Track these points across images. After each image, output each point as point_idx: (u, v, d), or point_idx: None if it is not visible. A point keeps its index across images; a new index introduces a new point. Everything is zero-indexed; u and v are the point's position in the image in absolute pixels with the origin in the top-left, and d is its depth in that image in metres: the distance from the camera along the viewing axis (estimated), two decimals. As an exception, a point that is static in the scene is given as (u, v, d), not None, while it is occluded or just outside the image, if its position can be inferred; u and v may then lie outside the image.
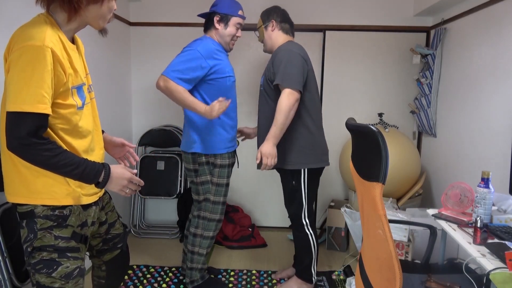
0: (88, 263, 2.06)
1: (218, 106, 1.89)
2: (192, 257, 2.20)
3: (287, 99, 1.96)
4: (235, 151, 2.24)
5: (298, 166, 2.09)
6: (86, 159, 1.17)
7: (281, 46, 2.11)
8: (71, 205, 1.21)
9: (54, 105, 1.11)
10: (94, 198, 1.32)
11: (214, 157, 2.10)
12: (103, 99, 2.66)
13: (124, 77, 3.05)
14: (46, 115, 1.07)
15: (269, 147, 1.99)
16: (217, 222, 2.19)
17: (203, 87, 2.04)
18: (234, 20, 2.06)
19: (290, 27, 2.21)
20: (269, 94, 2.13)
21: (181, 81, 1.92)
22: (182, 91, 1.92)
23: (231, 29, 2.07)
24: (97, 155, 1.33)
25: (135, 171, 1.29)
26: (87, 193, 1.27)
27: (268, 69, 2.11)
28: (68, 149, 1.17)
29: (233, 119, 2.16)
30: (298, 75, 1.98)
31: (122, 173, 1.23)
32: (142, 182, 1.30)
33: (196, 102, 1.93)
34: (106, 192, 1.48)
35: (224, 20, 2.05)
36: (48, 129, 1.13)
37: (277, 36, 2.18)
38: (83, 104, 1.23)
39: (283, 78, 1.98)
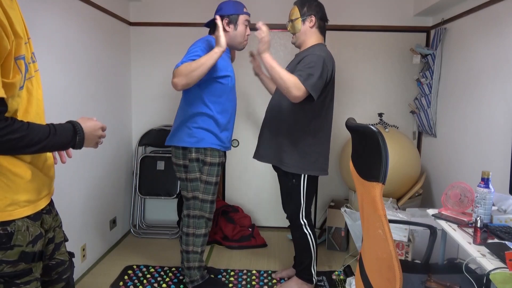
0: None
1: (219, 34, 1.85)
2: (188, 257, 2.20)
3: (294, 87, 1.84)
4: (225, 151, 2.24)
5: (298, 171, 2.08)
6: (51, 123, 0.99)
7: (315, 48, 2.02)
8: (14, 220, 0.96)
9: None
10: (45, 202, 1.07)
11: (204, 154, 2.10)
12: (103, 99, 2.66)
13: (124, 77, 3.05)
14: None
15: (263, 54, 1.93)
16: (206, 220, 2.19)
17: (205, 90, 2.04)
18: (241, 18, 2.07)
19: (324, 25, 2.12)
20: None
21: (184, 62, 1.87)
22: (188, 64, 1.84)
23: (241, 28, 2.07)
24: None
25: (95, 118, 1.15)
26: (33, 199, 1.01)
27: (293, 68, 2.02)
28: None
29: (230, 120, 2.16)
30: (319, 83, 1.90)
31: (95, 124, 1.09)
32: (105, 126, 1.16)
33: (208, 56, 1.86)
34: (52, 202, 1.16)
35: (233, 21, 2.05)
36: None
37: (312, 34, 2.08)
38: (24, 81, 0.95)
39: (305, 77, 1.87)
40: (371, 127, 1.13)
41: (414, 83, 3.07)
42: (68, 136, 1.01)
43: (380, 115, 2.92)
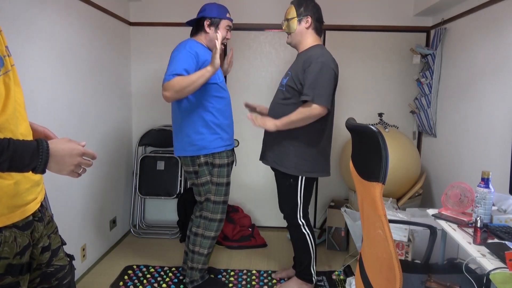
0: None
1: (215, 56, 1.87)
2: (192, 257, 2.20)
3: (312, 112, 1.90)
4: (233, 149, 2.25)
5: (298, 172, 2.08)
6: (10, 138, 0.85)
7: (315, 51, 2.00)
8: (1, 231, 0.90)
9: None
10: (34, 207, 0.99)
11: (212, 157, 2.11)
12: (103, 99, 2.66)
13: (124, 77, 3.05)
14: None
15: (272, 125, 1.95)
16: (218, 222, 2.19)
17: (196, 92, 2.02)
18: (223, 23, 2.09)
19: (320, 26, 2.11)
20: (291, 97, 2.05)
21: (175, 74, 1.90)
22: (180, 79, 1.88)
23: (221, 32, 2.09)
24: None
25: (84, 142, 0.98)
26: (19, 204, 0.93)
27: (297, 74, 2.01)
28: None
29: (227, 117, 2.16)
30: (330, 92, 1.92)
31: (71, 148, 0.92)
32: (95, 155, 0.99)
33: (200, 74, 1.90)
34: (47, 207, 1.15)
35: (214, 23, 2.08)
36: None
37: (308, 35, 2.06)
38: None
39: (315, 94, 1.89)
40: (371, 127, 1.13)
41: (414, 83, 3.07)
42: (26, 156, 0.84)
43: (380, 115, 2.92)
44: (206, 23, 2.08)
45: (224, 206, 2.19)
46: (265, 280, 2.44)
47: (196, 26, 2.14)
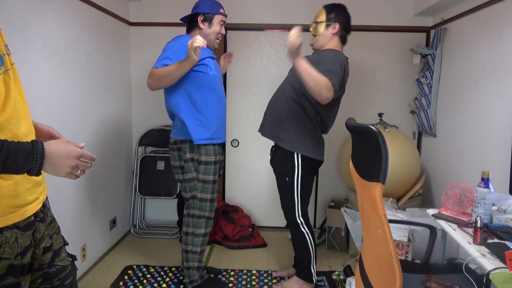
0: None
1: (190, 44, 1.82)
2: (187, 256, 2.20)
3: (325, 85, 1.79)
4: (224, 149, 2.25)
5: (294, 149, 2.07)
6: (5, 140, 0.84)
7: (332, 52, 2.04)
8: (3, 232, 0.89)
9: None
10: (35, 207, 0.98)
11: (199, 153, 2.11)
12: (103, 99, 2.66)
13: (124, 77, 3.05)
14: None
15: (299, 59, 1.82)
16: (206, 219, 2.19)
17: (186, 80, 2.03)
18: (217, 18, 2.11)
19: (346, 36, 2.16)
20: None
21: (162, 64, 1.93)
22: (160, 69, 1.92)
23: (215, 27, 2.11)
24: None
25: (82, 144, 0.96)
26: (20, 204, 0.92)
27: (312, 61, 2.01)
28: None
29: (218, 112, 2.14)
30: (340, 81, 1.90)
31: (68, 150, 0.91)
32: (94, 157, 0.97)
33: (177, 66, 1.89)
34: (48, 207, 1.13)
35: (208, 19, 2.10)
36: None
37: (332, 41, 2.11)
38: None
39: (330, 72, 1.84)
40: (371, 127, 1.13)
41: (414, 83, 3.07)
42: (20, 158, 0.83)
43: (380, 115, 2.92)
44: (199, 19, 2.10)
45: (211, 204, 2.18)
46: (265, 280, 2.44)
47: (191, 22, 2.16)
